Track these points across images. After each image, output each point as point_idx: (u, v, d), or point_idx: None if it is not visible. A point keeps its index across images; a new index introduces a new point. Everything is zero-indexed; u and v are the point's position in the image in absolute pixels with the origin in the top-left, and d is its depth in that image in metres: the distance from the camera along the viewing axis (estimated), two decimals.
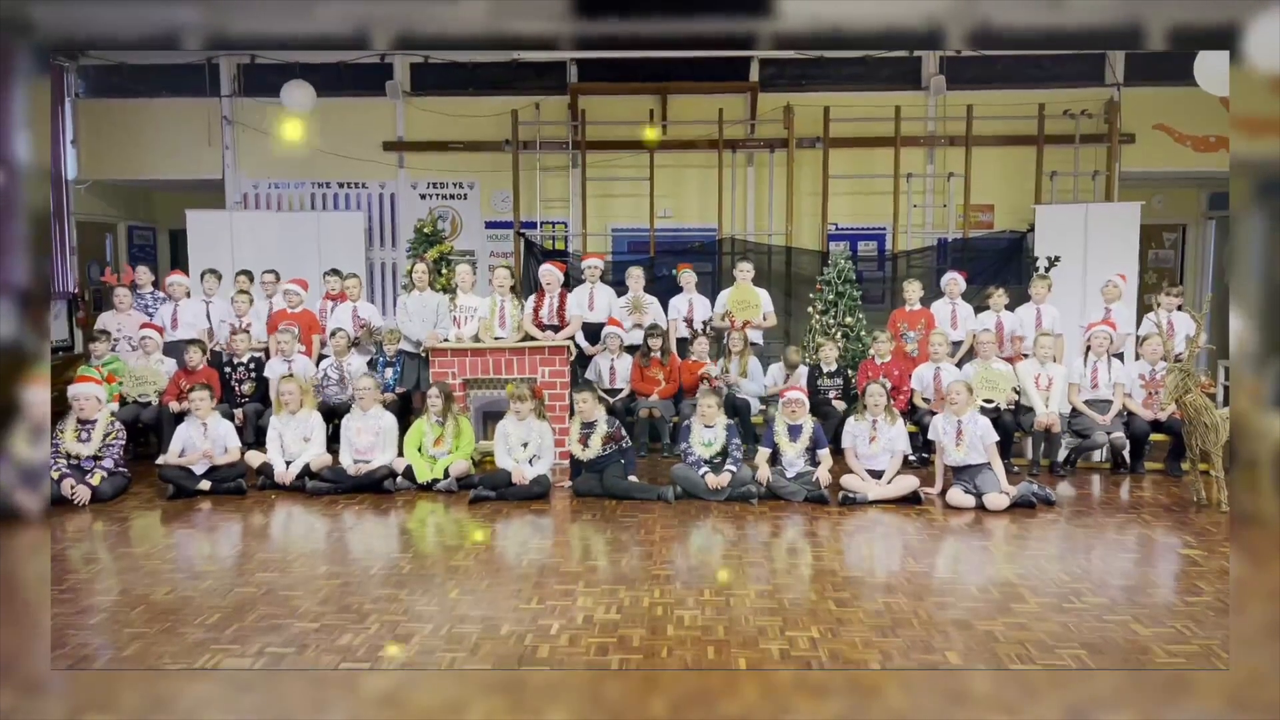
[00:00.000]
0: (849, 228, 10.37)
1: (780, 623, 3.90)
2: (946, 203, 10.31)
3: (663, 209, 10.27)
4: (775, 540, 5.26)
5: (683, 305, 8.10)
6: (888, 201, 10.01)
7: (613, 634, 3.78)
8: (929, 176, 10.43)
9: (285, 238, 9.88)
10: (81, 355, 8.92)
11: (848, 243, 9.94)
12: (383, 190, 10.70)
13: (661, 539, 5.20)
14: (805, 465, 6.15)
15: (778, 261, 9.83)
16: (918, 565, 4.72)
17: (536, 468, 6.21)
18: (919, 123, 10.13)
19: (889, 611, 4.03)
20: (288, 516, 5.83)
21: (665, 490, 6.04)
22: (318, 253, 9.87)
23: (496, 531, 5.44)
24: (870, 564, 4.80)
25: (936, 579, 4.49)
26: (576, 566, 4.72)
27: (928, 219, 10.40)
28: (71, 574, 4.62)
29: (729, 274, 8.90)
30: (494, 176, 10.43)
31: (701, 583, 4.43)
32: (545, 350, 7.06)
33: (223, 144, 10.52)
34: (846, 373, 7.55)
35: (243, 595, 4.27)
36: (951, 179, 10.20)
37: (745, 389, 7.50)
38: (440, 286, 8.45)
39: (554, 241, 10.64)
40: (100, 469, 6.09)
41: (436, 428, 6.50)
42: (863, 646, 3.65)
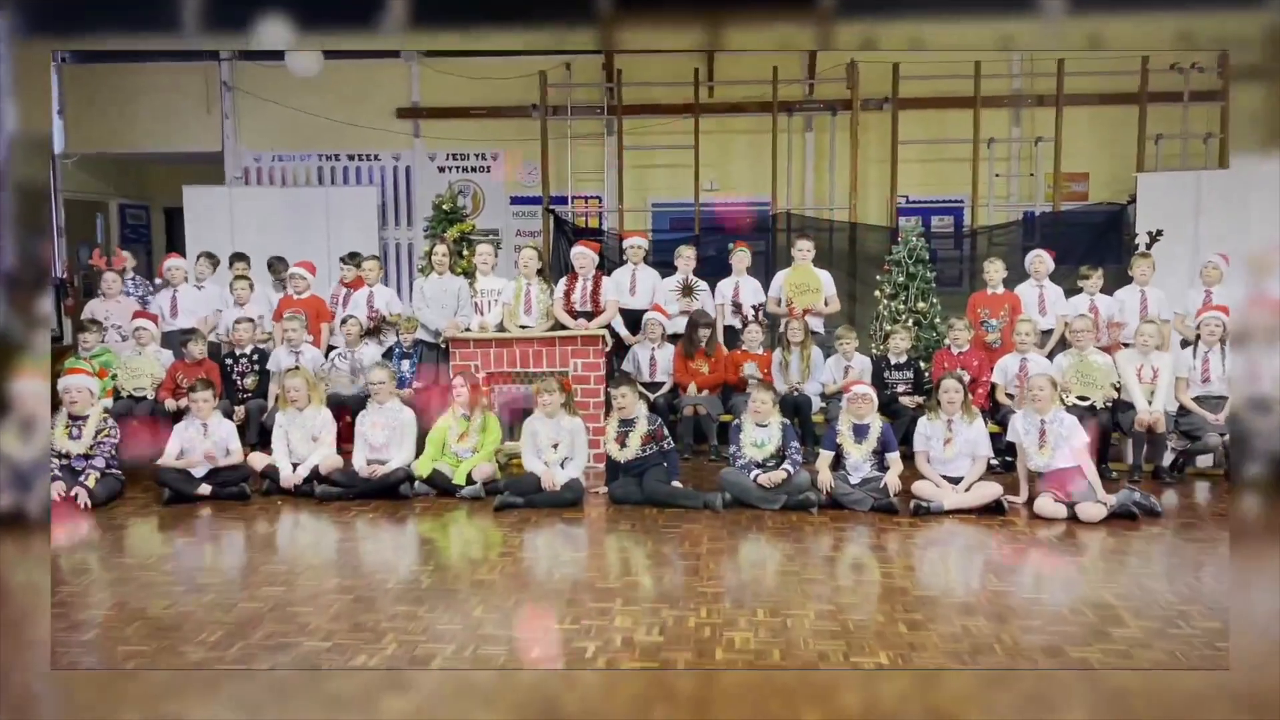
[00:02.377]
0: (921, 200, 10.28)
1: (844, 647, 3.88)
2: (1034, 171, 10.17)
3: (708, 180, 10.26)
4: (838, 554, 5.22)
5: (729, 289, 8.09)
6: (966, 170, 9.88)
7: (655, 657, 3.80)
8: (1014, 141, 10.30)
9: (290, 216, 10.04)
10: (71, 347, 9.14)
11: (920, 217, 9.87)
12: (397, 162, 10.83)
13: (709, 552, 5.19)
14: (872, 470, 6.11)
15: (840, 239, 9.79)
16: (1000, 583, 4.67)
17: (568, 471, 6.25)
18: (1002, 80, 9.99)
19: (967, 635, 3.99)
20: (295, 524, 5.93)
21: (713, 497, 6.04)
22: (326, 232, 10.02)
23: (525, 542, 5.47)
24: (946, 582, 4.75)
25: (1022, 599, 4.43)
26: (614, 582, 4.73)
27: (1012, 189, 10.27)
28: (63, 585, 4.73)
29: (785, 253, 8.86)
30: (520, 146, 10.51)
31: (754, 602, 4.41)
32: (578, 340, 7.09)
33: (222, 112, 10.72)
34: (918, 365, 7.49)
35: (247, 611, 4.35)
36: (1040, 143, 10.05)
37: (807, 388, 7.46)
38: (461, 270, 8.52)
39: (587, 218, 10.69)
40: (92, 469, 6.24)
41: (462, 422, 6.56)
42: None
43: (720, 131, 10.24)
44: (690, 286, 7.96)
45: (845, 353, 7.47)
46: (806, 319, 7.70)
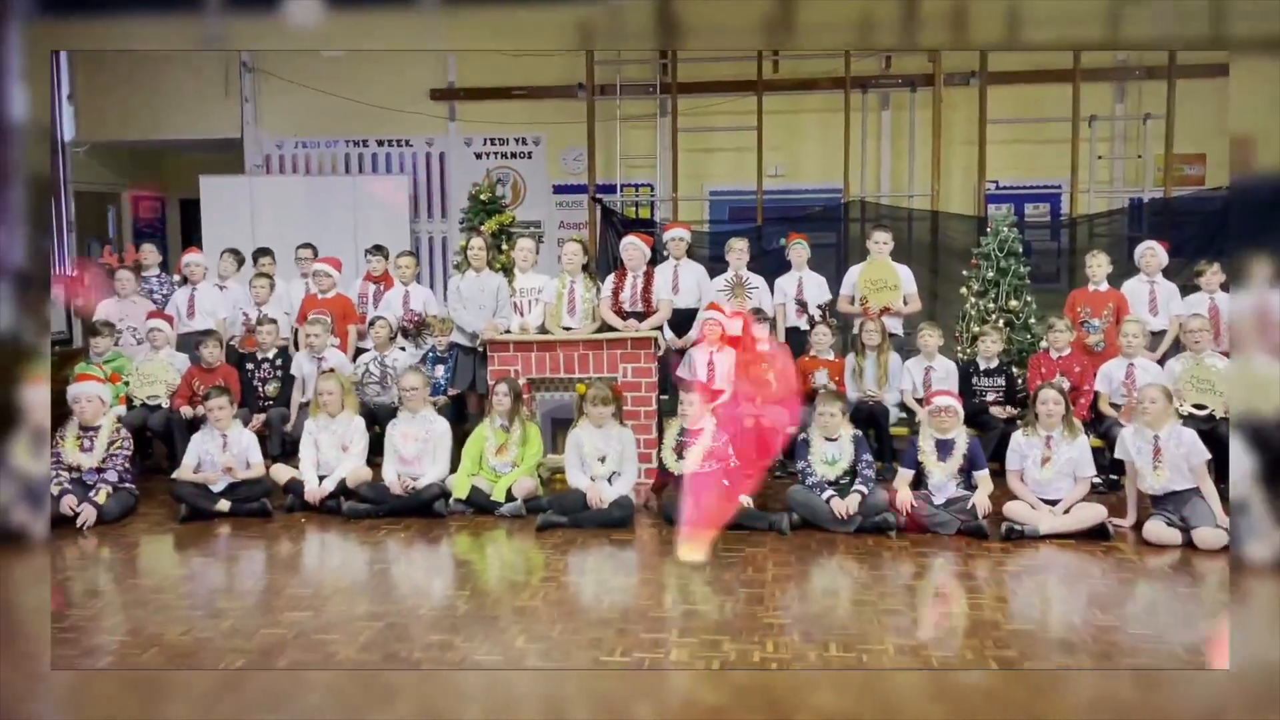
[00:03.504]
0: (1013, 186, 10.17)
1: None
2: (1142, 152, 10.00)
3: (773, 165, 10.24)
4: (919, 583, 5.19)
5: (790, 286, 8.06)
6: (1064, 152, 9.74)
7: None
8: (1119, 119, 10.13)
9: (315, 207, 10.20)
10: (81, 350, 9.38)
11: (1011, 205, 9.75)
12: (430, 148, 10.95)
13: (775, 579, 5.18)
14: (958, 489, 6.06)
15: (921, 230, 9.71)
16: (1105, 617, 4.60)
17: (617, 487, 6.27)
18: (1106, 51, 9.82)
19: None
20: (320, 544, 6.03)
21: (779, 518, 6.03)
22: (353, 225, 10.16)
23: (569, 565, 5.50)
24: (1043, 615, 4.71)
25: (1129, 635, 4.37)
26: (669, 611, 4.75)
27: (1117, 173, 10.11)
28: (73, 609, 4.87)
29: (859, 246, 8.81)
30: (564, 130, 10.56)
31: (826, 634, 4.40)
32: (627, 343, 7.10)
33: (241, 96, 10.92)
34: (1011, 371, 7.40)
35: (270, 638, 4.43)
36: (1149, 121, 9.87)
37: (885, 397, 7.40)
38: (500, 266, 8.60)
39: (637, 208, 10.72)
40: (104, 483, 6.39)
41: (500, 433, 6.62)
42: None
43: (787, 111, 10.20)
44: (742, 283, 7.93)
45: (928, 352, 7.39)
46: (883, 320, 7.64)
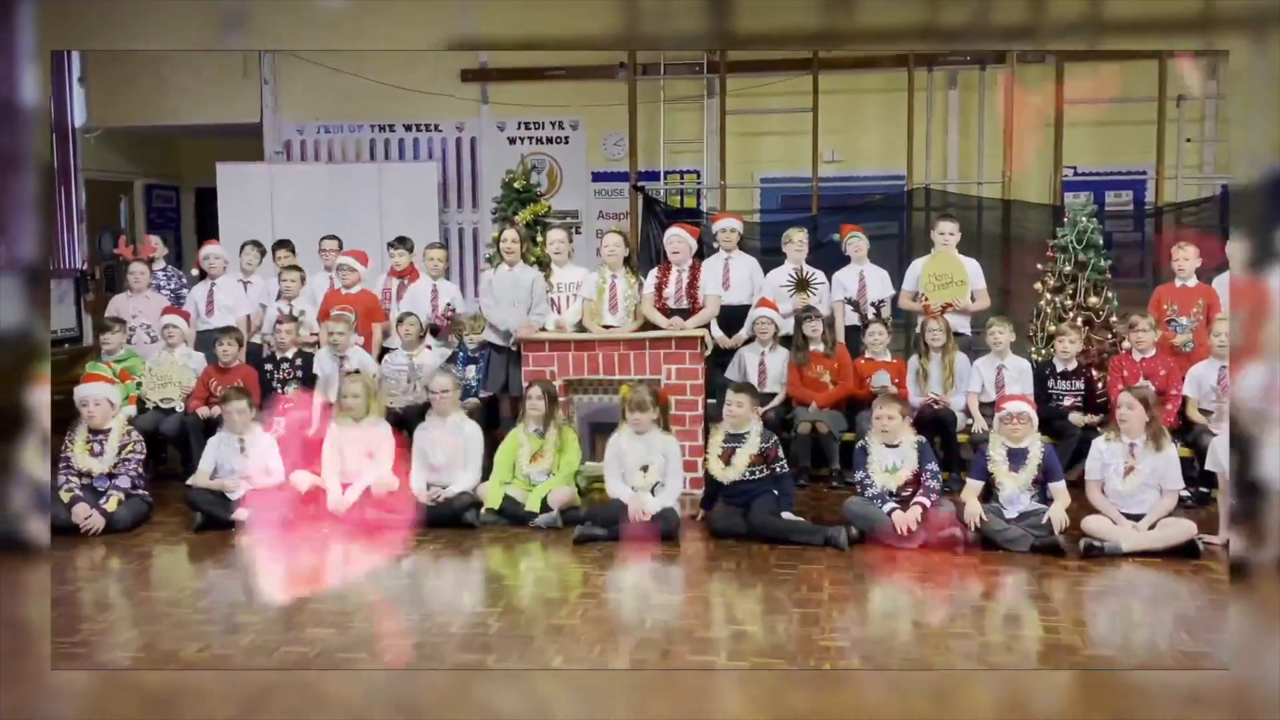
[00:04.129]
0: (1093, 172, 10.06)
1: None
2: None
3: (829, 150, 10.20)
4: (990, 603, 5.16)
5: (850, 281, 8.02)
6: (1149, 135, 9.63)
7: None
8: (1209, 98, 9.98)
9: (338, 196, 10.29)
10: (91, 348, 9.54)
11: (1091, 193, 9.64)
12: (460, 133, 11.02)
13: (831, 598, 5.16)
14: (1032, 502, 6.00)
15: (991, 220, 9.64)
16: (1194, 642, 4.55)
17: (660, 498, 6.27)
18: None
19: None
20: (344, 556, 6.08)
21: (835, 532, 6.00)
22: (379, 215, 10.24)
23: (609, 581, 5.51)
24: (1125, 639, 4.66)
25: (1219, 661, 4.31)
26: (716, 631, 4.74)
27: (1207, 158, 9.96)
28: (84, 624, 4.95)
29: (923, 237, 8.76)
30: (604, 113, 10.58)
31: (886, 658, 4.38)
32: (672, 342, 7.12)
33: (260, 78, 11.04)
34: (1090, 374, 7.33)
35: (292, 656, 4.48)
36: None
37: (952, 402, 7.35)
38: (535, 259, 8.63)
39: (682, 197, 10.71)
40: (115, 489, 6.50)
41: (535, 439, 6.65)
42: None
43: (845, 91, 10.16)
44: (805, 279, 7.89)
45: (999, 350, 7.33)
46: (948, 318, 7.59)
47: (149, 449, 7.12)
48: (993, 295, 8.17)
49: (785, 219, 9.61)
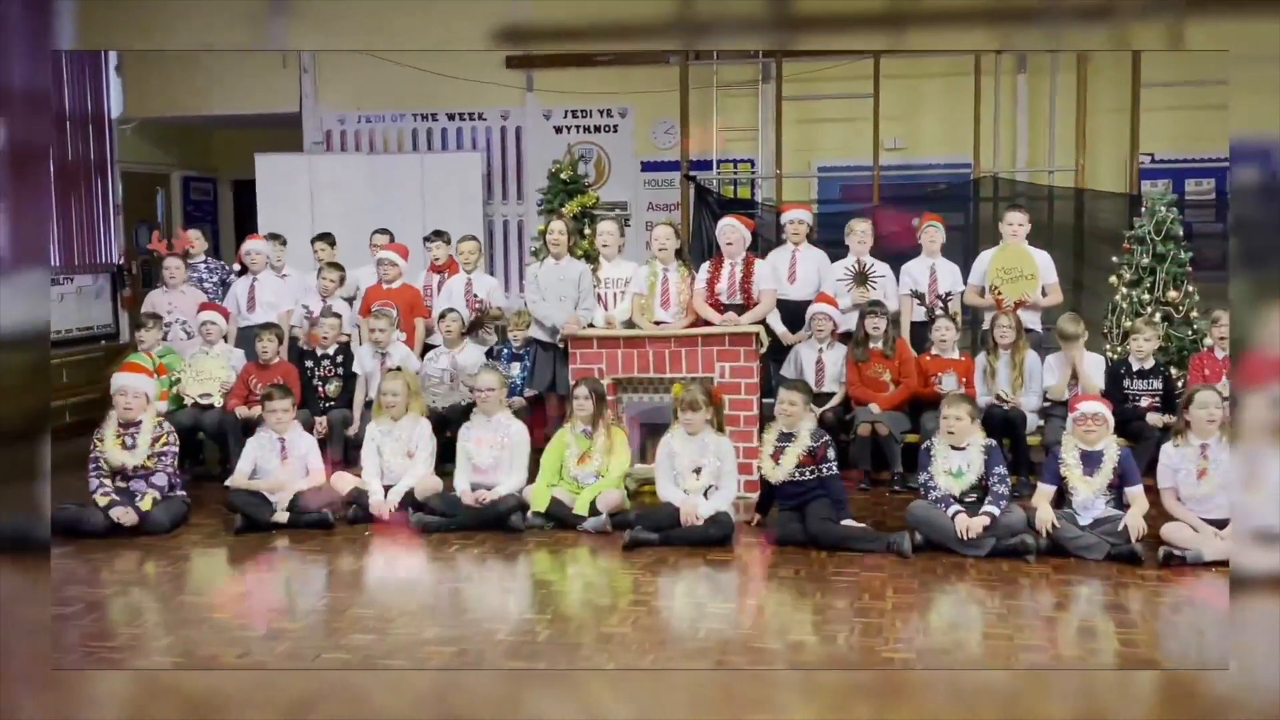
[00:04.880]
0: (1171, 159, 9.92)
1: None
2: None
3: (891, 137, 10.14)
4: (1062, 615, 5.11)
5: (921, 273, 7.96)
6: None
7: None
8: None
9: (379, 188, 10.37)
10: (128, 345, 9.70)
11: (1170, 181, 9.52)
12: (505, 122, 11.07)
13: (895, 607, 5.14)
14: (1108, 508, 5.94)
15: (1063, 210, 9.55)
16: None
17: (714, 501, 6.27)
18: None
19: None
20: (386, 560, 6.15)
21: (898, 538, 5.97)
22: (421, 207, 10.31)
23: (660, 588, 5.52)
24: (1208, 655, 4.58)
25: None
26: (773, 642, 4.74)
27: None
28: (122, 629, 5.04)
29: (991, 229, 8.69)
30: (654, 100, 10.58)
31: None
32: (725, 339, 7.10)
33: (300, 66, 11.16)
34: (1168, 373, 7.24)
35: (332, 663, 4.53)
36: None
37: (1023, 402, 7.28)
38: (582, 252, 8.66)
39: (736, 187, 10.69)
40: (152, 488, 6.57)
41: (583, 440, 6.67)
42: None
43: (907, 75, 10.08)
44: (865, 272, 7.85)
45: (1071, 347, 7.25)
46: (1019, 313, 7.52)
47: (187, 448, 7.20)
48: (1065, 289, 8.11)
49: (845, 209, 9.56)
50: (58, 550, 6.10)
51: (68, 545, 6.17)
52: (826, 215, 9.57)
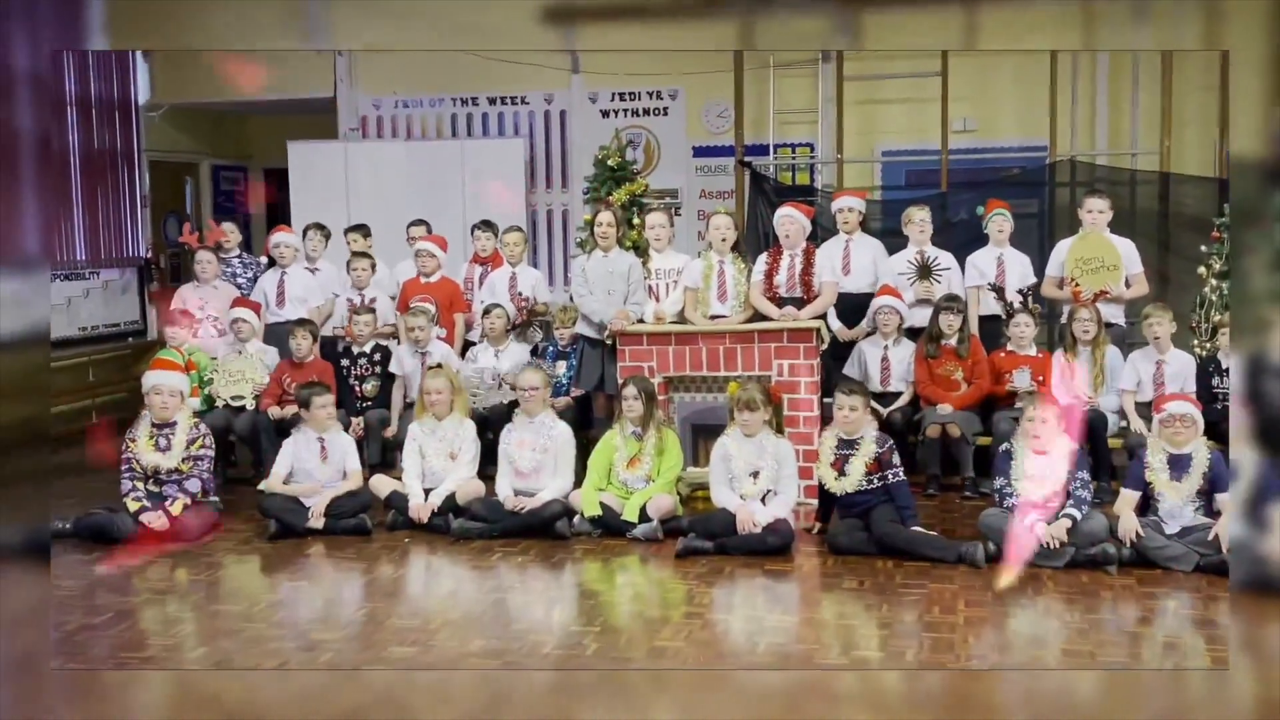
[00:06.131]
0: None
1: None
2: None
3: (961, 119, 10.06)
4: (1147, 630, 5.07)
5: (989, 264, 7.90)
6: None
7: None
8: None
9: (417, 176, 10.45)
10: (156, 342, 9.83)
11: None
12: (549, 106, 11.10)
13: (967, 621, 5.11)
14: (1197, 516, 5.88)
15: (1147, 196, 9.44)
16: None
17: (772, 508, 6.26)
18: None
19: None
20: (427, 568, 6.20)
21: (971, 548, 5.93)
22: (461, 196, 10.37)
23: (716, 600, 5.52)
24: None
25: None
26: (837, 656, 4.72)
27: None
28: (153, 639, 5.12)
29: (1069, 216, 8.61)
30: (706, 81, 10.57)
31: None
32: (784, 335, 7.09)
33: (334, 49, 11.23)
34: None
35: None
36: None
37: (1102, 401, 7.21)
38: (631, 243, 8.66)
39: (794, 173, 10.66)
40: (183, 493, 6.64)
41: (632, 442, 6.68)
42: None
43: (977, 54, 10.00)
44: (928, 265, 7.79)
45: (1157, 343, 7.17)
46: (1099, 306, 7.45)
47: (219, 450, 7.27)
48: (1150, 281, 8.00)
49: (910, 196, 9.50)
50: (87, 557, 6.25)
51: (98, 551, 6.30)
52: (892, 203, 9.53)
